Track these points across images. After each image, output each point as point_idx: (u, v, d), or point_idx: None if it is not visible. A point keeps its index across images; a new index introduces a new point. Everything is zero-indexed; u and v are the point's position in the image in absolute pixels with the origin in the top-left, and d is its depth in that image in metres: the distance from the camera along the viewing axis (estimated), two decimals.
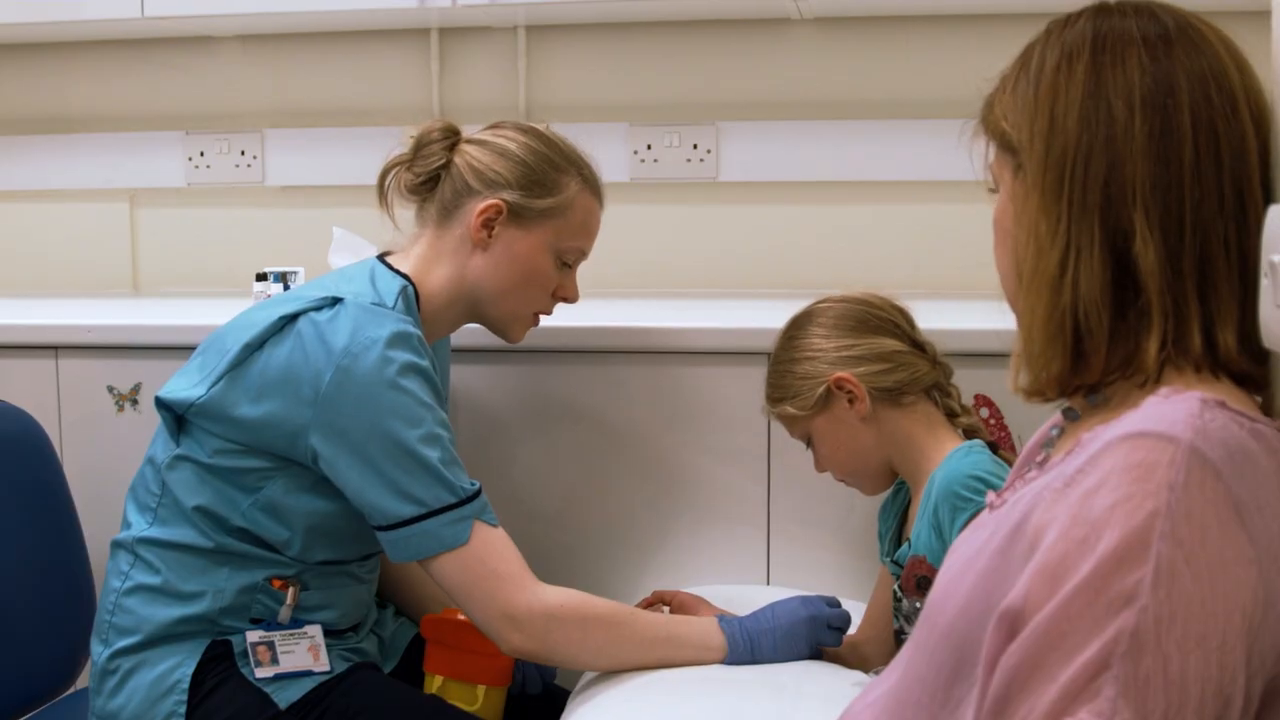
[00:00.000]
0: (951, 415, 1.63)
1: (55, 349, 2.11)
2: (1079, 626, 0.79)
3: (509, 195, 1.63)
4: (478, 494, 1.52)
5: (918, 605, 1.52)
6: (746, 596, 1.86)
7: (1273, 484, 0.84)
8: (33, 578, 1.75)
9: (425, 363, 1.54)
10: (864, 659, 1.67)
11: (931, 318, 1.68)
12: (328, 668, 1.59)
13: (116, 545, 1.62)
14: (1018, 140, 0.97)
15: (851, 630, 1.74)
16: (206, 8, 2.36)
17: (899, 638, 1.60)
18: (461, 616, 1.60)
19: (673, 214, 2.56)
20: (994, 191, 1.03)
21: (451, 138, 1.68)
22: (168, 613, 1.56)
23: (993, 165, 1.02)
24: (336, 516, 1.57)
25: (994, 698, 0.84)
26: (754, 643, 1.54)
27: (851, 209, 2.50)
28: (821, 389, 1.60)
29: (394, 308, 1.58)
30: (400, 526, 1.49)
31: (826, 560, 1.95)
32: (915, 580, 1.54)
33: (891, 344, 1.61)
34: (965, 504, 1.46)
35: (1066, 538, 0.82)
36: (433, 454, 1.49)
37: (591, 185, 1.71)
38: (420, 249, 1.68)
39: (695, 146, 2.51)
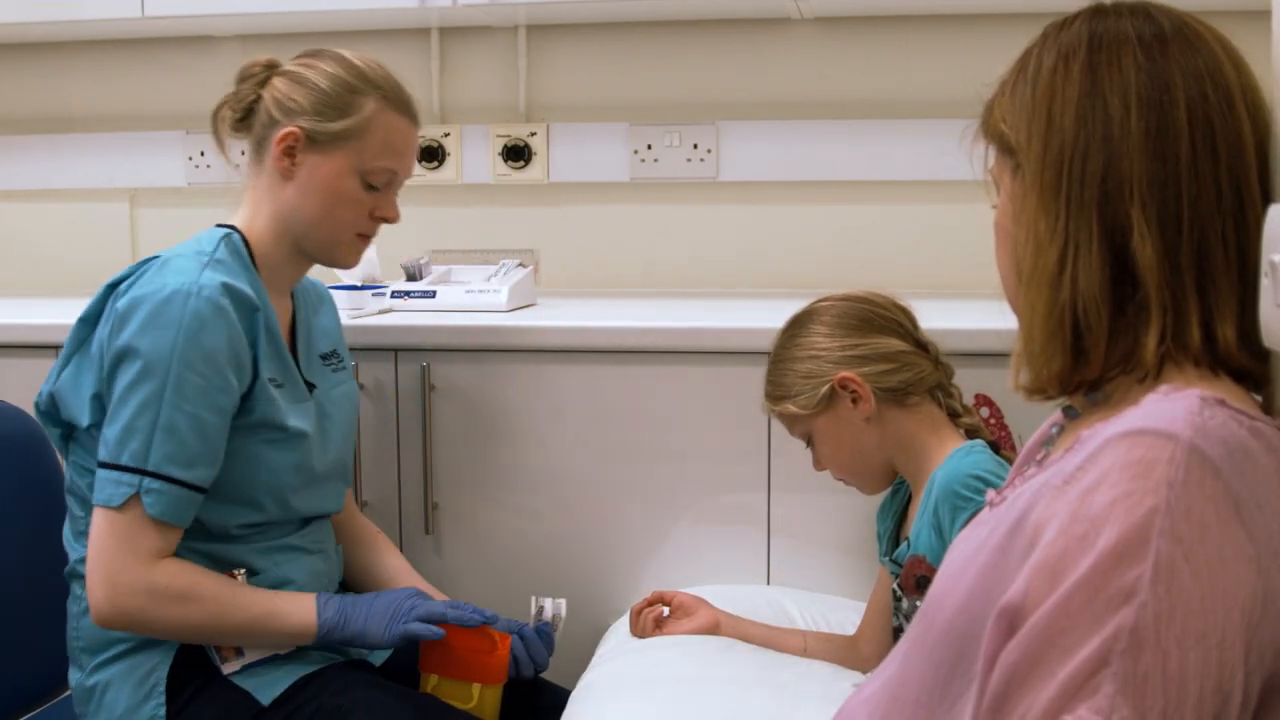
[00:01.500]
0: (954, 415, 1.62)
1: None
2: (1078, 623, 0.79)
3: (304, 121, 1.62)
4: (161, 477, 1.50)
5: (917, 604, 1.52)
6: (747, 596, 1.87)
7: (1272, 482, 0.84)
8: (31, 578, 1.75)
9: (221, 327, 1.52)
10: (863, 658, 1.67)
11: (932, 317, 1.68)
12: (292, 645, 1.59)
13: (69, 576, 1.63)
14: (1016, 141, 0.98)
15: (851, 630, 1.74)
16: (206, 8, 2.36)
17: (899, 637, 1.60)
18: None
19: (673, 214, 2.56)
20: (994, 208, 1.03)
21: (269, 70, 1.67)
22: None
23: (992, 169, 1.03)
24: (227, 472, 1.56)
25: (993, 694, 0.84)
26: (346, 615, 1.56)
27: (852, 209, 2.50)
28: (825, 388, 1.59)
29: (215, 254, 1.58)
30: (100, 466, 1.51)
31: (826, 560, 1.95)
32: (915, 579, 1.54)
33: (895, 344, 1.60)
34: (966, 503, 1.46)
35: (1066, 534, 0.82)
36: (141, 416, 1.49)
37: (394, 103, 1.67)
38: (249, 194, 1.69)
39: (695, 146, 2.51)
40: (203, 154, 2.66)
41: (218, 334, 1.51)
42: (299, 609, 1.56)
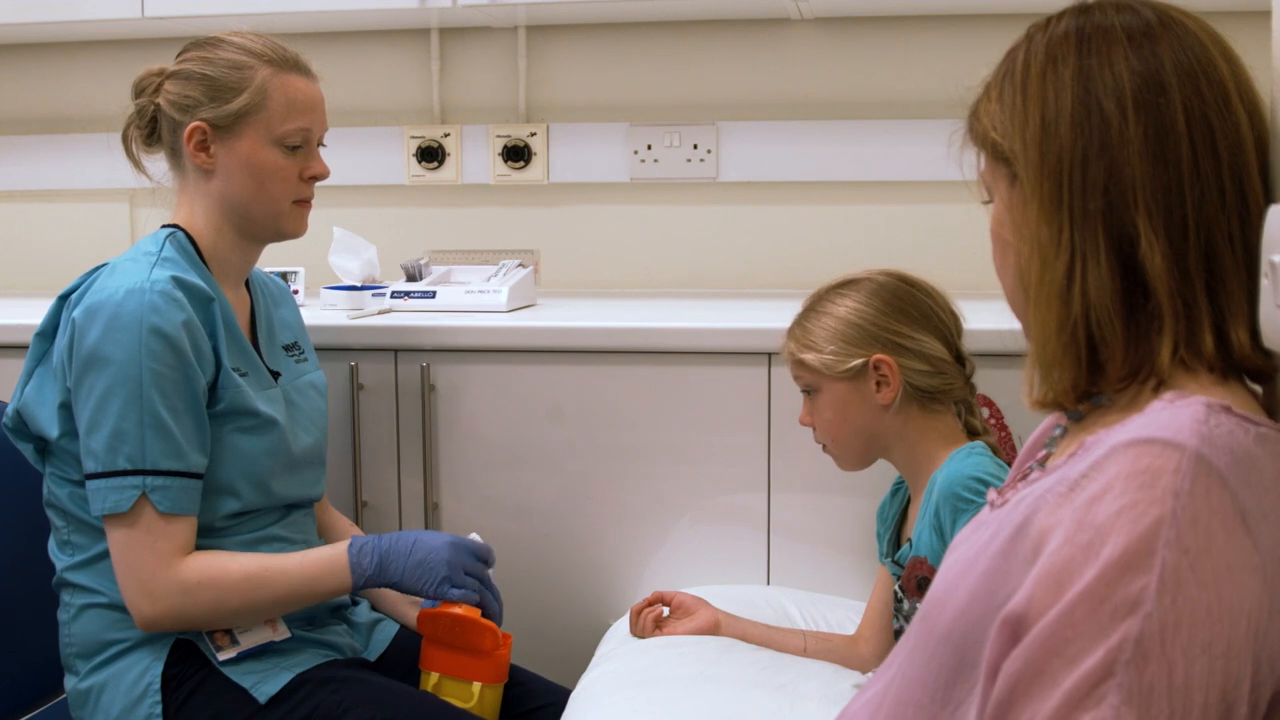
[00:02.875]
0: (972, 433, 1.61)
1: None
2: (1083, 633, 0.79)
3: (204, 113, 1.63)
4: (162, 473, 1.51)
5: (918, 605, 1.52)
6: (746, 596, 1.87)
7: (1278, 490, 0.83)
8: (30, 579, 1.75)
9: (164, 321, 1.52)
10: (863, 659, 1.67)
11: None
12: (288, 634, 1.60)
13: (56, 586, 1.64)
14: (1010, 150, 0.95)
15: (851, 630, 1.74)
16: (206, 8, 2.36)
17: (899, 638, 1.60)
18: (456, 610, 1.60)
19: (673, 214, 2.56)
20: (988, 203, 1.01)
21: (160, 79, 1.68)
22: (122, 622, 1.56)
23: (984, 175, 1.00)
24: (208, 465, 1.57)
25: (996, 704, 0.83)
26: (384, 561, 1.58)
27: (852, 209, 2.50)
28: (858, 361, 1.56)
29: (160, 252, 1.59)
30: (90, 478, 1.52)
31: (826, 560, 1.95)
32: (916, 581, 1.53)
33: (939, 349, 1.57)
34: (967, 505, 1.46)
35: (1071, 543, 0.82)
36: (126, 417, 1.50)
37: (283, 65, 1.69)
38: (179, 199, 1.70)
39: (695, 146, 2.51)
40: None
41: (175, 324, 1.52)
42: (332, 570, 1.58)
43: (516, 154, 2.55)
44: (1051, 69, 0.94)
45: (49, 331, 1.60)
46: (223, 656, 1.55)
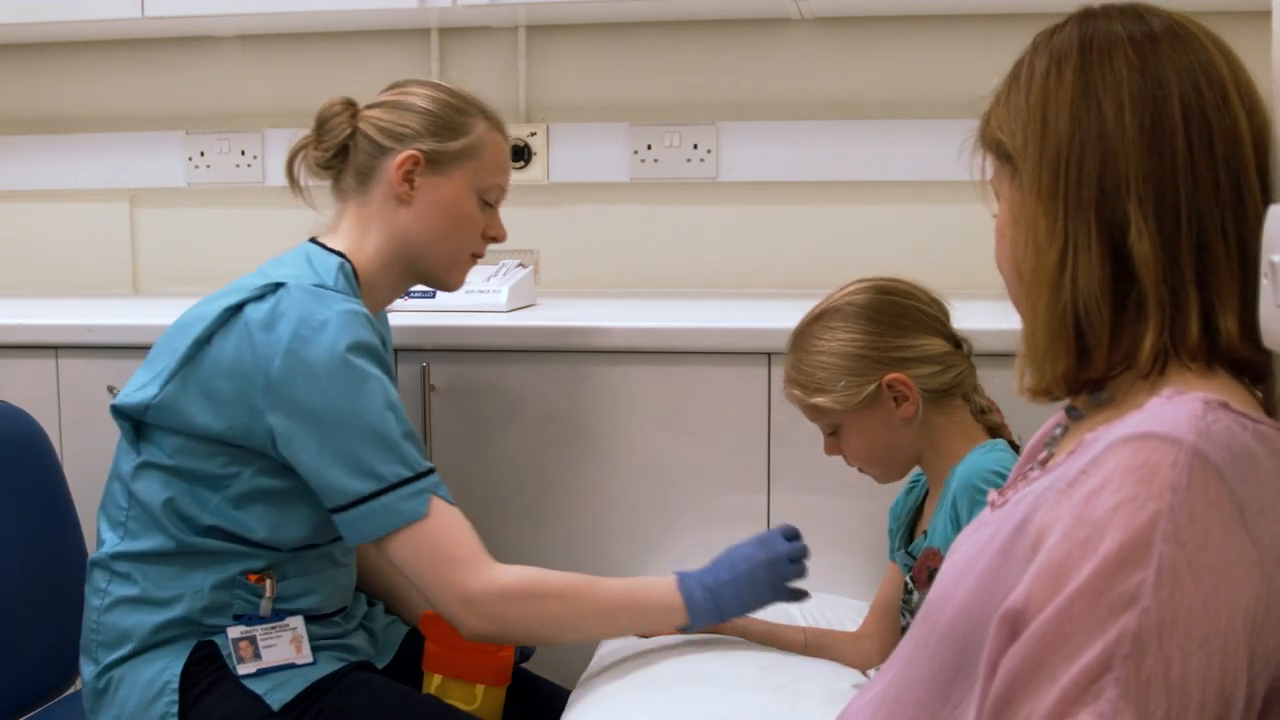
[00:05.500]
0: (979, 413, 1.60)
1: (55, 349, 2.11)
2: (1081, 628, 0.79)
3: (422, 144, 1.65)
4: (431, 471, 1.53)
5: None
6: None
7: (1276, 486, 0.83)
8: (32, 578, 1.75)
9: (375, 340, 1.55)
10: (865, 655, 1.67)
11: None
12: (310, 659, 1.59)
13: (93, 564, 1.62)
14: (1012, 147, 0.98)
15: (855, 628, 1.74)
16: (206, 8, 2.36)
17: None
18: None
19: (673, 214, 2.56)
20: (995, 216, 1.03)
21: (351, 107, 1.70)
22: (150, 620, 1.56)
23: (992, 180, 1.03)
24: (307, 499, 1.57)
25: (995, 699, 0.84)
26: (717, 597, 1.55)
27: (851, 209, 2.50)
28: (871, 388, 1.54)
29: (335, 285, 1.59)
30: (358, 504, 1.49)
31: (827, 560, 1.95)
32: (927, 572, 1.52)
33: (939, 344, 1.56)
34: (983, 498, 1.45)
35: (1069, 538, 0.82)
36: (388, 429, 1.50)
37: (496, 124, 1.72)
38: (348, 221, 1.69)
39: (695, 146, 2.51)
40: (202, 154, 2.66)
41: (378, 344, 1.55)
42: (663, 595, 1.56)
43: (516, 154, 2.56)
44: (1055, 70, 0.96)
45: (208, 338, 1.55)
46: (243, 670, 1.55)
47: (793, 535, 1.62)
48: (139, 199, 2.72)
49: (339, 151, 1.68)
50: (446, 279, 1.73)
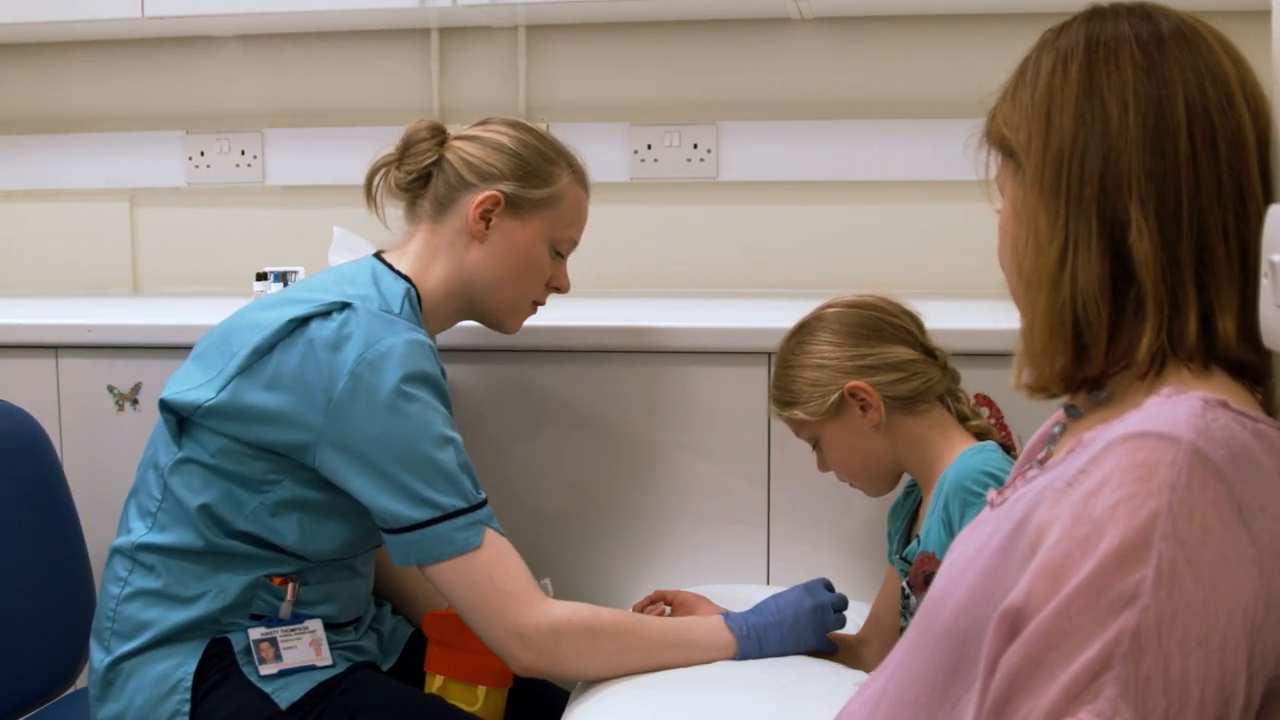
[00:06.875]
0: (963, 419, 1.62)
1: (55, 349, 2.11)
2: (1080, 626, 0.79)
3: (505, 186, 1.65)
4: (485, 502, 1.53)
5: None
6: (746, 596, 1.86)
7: (1275, 485, 0.84)
8: (32, 577, 1.75)
9: (437, 371, 1.56)
10: (865, 660, 1.67)
11: (932, 317, 1.68)
12: (330, 661, 1.59)
13: (115, 551, 1.62)
14: (1016, 143, 0.98)
15: (854, 630, 1.74)
16: (206, 8, 2.36)
17: None
18: None
19: (673, 214, 2.56)
20: (999, 212, 1.04)
21: (439, 135, 1.70)
22: (170, 616, 1.56)
23: (997, 177, 1.03)
24: (343, 514, 1.57)
25: (995, 697, 0.84)
26: (762, 638, 1.55)
27: (851, 209, 2.50)
28: (834, 397, 1.59)
29: (400, 312, 1.59)
30: (412, 529, 1.49)
31: (826, 560, 1.95)
32: (923, 576, 1.53)
33: (904, 352, 1.59)
34: (976, 499, 1.46)
35: (1068, 537, 0.82)
36: (447, 459, 1.50)
37: (580, 177, 1.74)
38: (417, 246, 1.69)
39: (695, 146, 2.51)
40: (202, 154, 2.66)
41: (440, 375, 1.57)
42: (710, 632, 1.56)
43: None
44: (1061, 68, 0.96)
45: (270, 348, 1.55)
46: (264, 671, 1.55)
47: (830, 587, 1.63)
48: (139, 199, 2.72)
49: (420, 176, 1.68)
50: (505, 322, 1.74)
